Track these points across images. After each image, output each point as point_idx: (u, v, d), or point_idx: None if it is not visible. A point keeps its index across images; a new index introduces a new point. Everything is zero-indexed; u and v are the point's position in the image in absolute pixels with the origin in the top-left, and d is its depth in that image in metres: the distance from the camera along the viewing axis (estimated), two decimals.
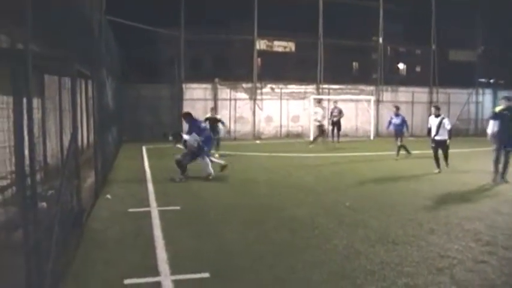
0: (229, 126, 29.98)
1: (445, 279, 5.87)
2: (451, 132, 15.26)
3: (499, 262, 6.48)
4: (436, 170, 15.33)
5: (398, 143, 19.53)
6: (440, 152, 15.41)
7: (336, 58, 37.49)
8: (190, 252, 7.06)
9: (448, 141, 15.23)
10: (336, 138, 25.90)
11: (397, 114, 20.28)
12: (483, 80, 38.51)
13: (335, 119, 26.24)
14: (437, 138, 15.24)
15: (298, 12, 32.24)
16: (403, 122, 20.05)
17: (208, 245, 7.45)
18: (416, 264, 6.39)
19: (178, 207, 10.04)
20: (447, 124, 15.19)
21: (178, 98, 29.60)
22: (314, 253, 6.95)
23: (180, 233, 8.11)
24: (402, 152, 19.48)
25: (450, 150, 15.46)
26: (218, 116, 21.51)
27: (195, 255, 6.95)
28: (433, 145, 15.45)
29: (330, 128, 26.27)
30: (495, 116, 13.49)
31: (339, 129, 26.23)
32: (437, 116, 15.33)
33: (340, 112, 26.62)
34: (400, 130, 19.84)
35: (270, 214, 9.58)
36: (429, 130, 15.67)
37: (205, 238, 7.83)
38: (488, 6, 34.61)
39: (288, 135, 31.59)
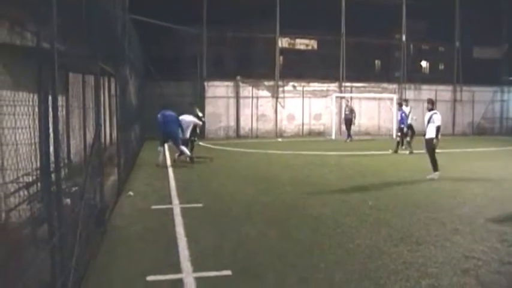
0: (251, 125, 30.07)
1: (470, 281, 5.79)
2: (438, 130, 13.61)
3: None
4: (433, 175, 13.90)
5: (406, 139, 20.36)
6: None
7: (358, 56, 37.30)
8: (212, 250, 7.06)
9: (434, 140, 13.65)
10: (348, 138, 25.91)
11: (399, 110, 20.62)
12: (508, 77, 37.96)
13: (347, 118, 26.27)
14: (425, 136, 14.04)
15: (320, 10, 32.15)
16: (402, 117, 20.29)
17: (230, 242, 7.46)
18: (441, 265, 6.31)
19: (200, 205, 10.07)
20: (436, 120, 13.69)
21: (201, 95, 29.67)
22: (337, 252, 6.91)
23: (202, 231, 8.13)
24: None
25: (475, 149, 15.13)
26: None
27: (217, 252, 6.95)
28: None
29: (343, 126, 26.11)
30: None
31: (349, 128, 26.16)
32: (430, 110, 14.13)
33: (352, 111, 26.54)
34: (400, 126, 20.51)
35: (293, 212, 9.56)
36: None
37: (227, 236, 7.84)
38: None
39: (310, 133, 31.51)
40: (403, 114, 20.71)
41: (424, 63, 54.02)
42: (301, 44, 34.15)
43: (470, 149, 23.06)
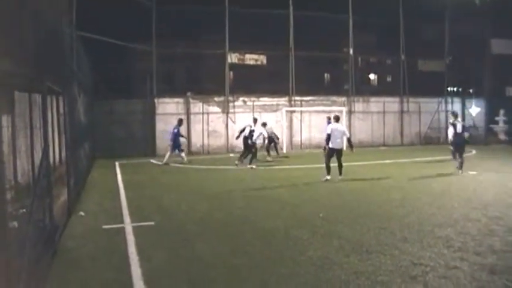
0: (203, 141, 30.06)
1: (418, 287, 5.95)
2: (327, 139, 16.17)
3: (470, 268, 6.59)
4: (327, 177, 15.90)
5: None
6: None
7: (308, 70, 37.79)
8: (165, 268, 7.03)
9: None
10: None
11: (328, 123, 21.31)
12: (451, 89, 39.16)
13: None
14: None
15: (269, 25, 32.37)
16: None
17: (183, 259, 7.44)
18: (390, 273, 6.46)
19: (152, 223, 9.99)
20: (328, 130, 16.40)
21: (151, 112, 29.46)
22: (288, 265, 6.98)
23: (154, 249, 8.07)
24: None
25: (420, 159, 15.69)
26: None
27: (170, 270, 6.92)
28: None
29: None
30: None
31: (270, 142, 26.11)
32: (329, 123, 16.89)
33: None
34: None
35: (245, 227, 9.60)
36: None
37: (180, 253, 7.81)
38: (454, 18, 35.29)
39: (262, 147, 31.59)
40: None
41: (372, 76, 55.15)
42: (251, 59, 34.23)
43: (418, 159, 23.63)
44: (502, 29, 35.54)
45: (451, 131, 17.85)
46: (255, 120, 22.42)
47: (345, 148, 16.75)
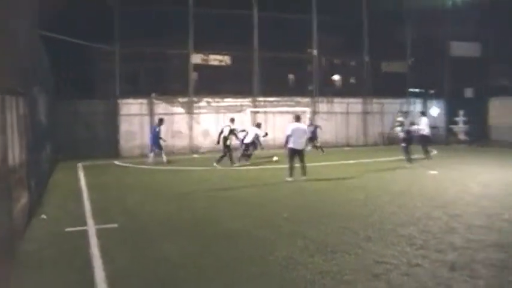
0: (167, 141, 29.87)
1: (381, 285, 6.03)
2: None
3: (432, 265, 6.71)
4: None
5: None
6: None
7: (272, 71, 37.85)
8: (129, 270, 6.97)
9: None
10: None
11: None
12: (414, 90, 39.81)
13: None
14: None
15: (233, 26, 32.37)
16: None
17: (147, 261, 7.38)
18: (354, 272, 6.52)
19: (115, 225, 9.88)
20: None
21: (114, 113, 29.15)
22: (255, 265, 6.99)
23: (118, 251, 8.00)
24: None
25: (383, 159, 15.92)
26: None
27: (134, 272, 6.87)
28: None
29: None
30: None
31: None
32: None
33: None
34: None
35: (211, 227, 9.59)
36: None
37: (144, 254, 7.75)
38: (416, 20, 35.90)
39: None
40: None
41: (336, 77, 55.54)
42: (215, 59, 34.13)
43: (381, 159, 23.91)
44: (460, 31, 36.36)
45: (400, 129, 21.24)
46: (232, 120, 22.83)
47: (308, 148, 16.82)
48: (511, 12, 30.59)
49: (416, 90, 40.65)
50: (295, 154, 15.93)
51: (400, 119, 22.33)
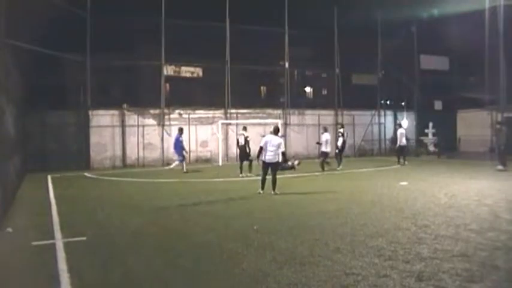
0: (138, 153, 29.70)
1: None
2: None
3: (399, 275, 6.76)
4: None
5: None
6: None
7: (244, 83, 38.02)
8: (96, 284, 6.88)
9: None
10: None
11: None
12: (384, 102, 40.36)
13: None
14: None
15: (205, 38, 32.46)
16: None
17: (115, 274, 7.29)
18: (323, 283, 6.53)
19: (84, 238, 9.73)
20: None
21: (85, 124, 28.88)
22: (223, 278, 6.96)
23: (86, 265, 7.89)
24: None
25: (354, 170, 16.02)
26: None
27: (102, 286, 6.79)
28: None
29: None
30: None
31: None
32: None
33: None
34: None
35: (179, 240, 9.52)
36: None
37: (112, 268, 7.66)
38: (387, 33, 36.48)
39: (197, 160, 31.55)
40: None
41: (308, 89, 55.94)
42: (187, 71, 34.19)
43: (352, 170, 24.15)
44: (429, 45, 37.08)
45: (340, 140, 25.67)
46: (245, 128, 23.38)
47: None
48: (477, 27, 31.25)
49: (387, 102, 41.23)
50: (268, 167, 15.85)
51: (341, 131, 26.42)
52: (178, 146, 24.56)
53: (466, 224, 10.20)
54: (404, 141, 26.85)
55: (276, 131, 16.29)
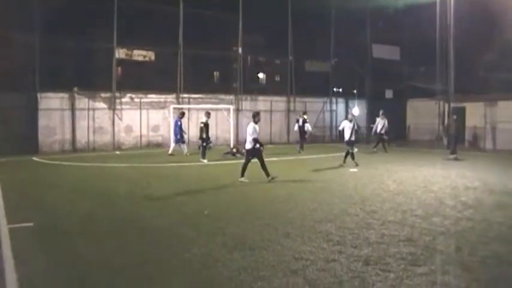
0: (88, 137, 29.18)
1: (298, 280, 6.13)
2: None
3: (347, 260, 6.90)
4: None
5: None
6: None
7: (197, 68, 37.76)
8: (44, 271, 6.76)
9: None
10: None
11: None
12: (336, 89, 40.78)
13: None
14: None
15: (158, 22, 32.04)
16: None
17: (63, 261, 7.18)
18: (272, 268, 6.60)
19: (31, 224, 9.50)
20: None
21: (33, 108, 28.14)
22: (173, 263, 6.95)
23: (33, 251, 7.74)
24: None
25: (306, 156, 16.10)
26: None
27: (49, 273, 6.67)
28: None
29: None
30: None
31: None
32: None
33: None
34: None
35: (130, 225, 9.46)
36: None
37: (60, 254, 7.54)
38: (340, 21, 36.77)
39: (149, 145, 31.24)
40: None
41: (261, 75, 55.95)
42: (139, 55, 33.62)
43: (303, 156, 24.38)
44: (382, 34, 37.63)
45: (296, 127, 27.91)
46: (207, 114, 22.59)
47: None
48: (428, 19, 31.89)
49: (339, 90, 41.66)
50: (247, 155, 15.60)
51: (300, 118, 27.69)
52: (177, 129, 24.94)
53: (412, 210, 10.48)
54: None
55: (253, 117, 15.74)
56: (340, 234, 8.39)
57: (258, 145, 15.31)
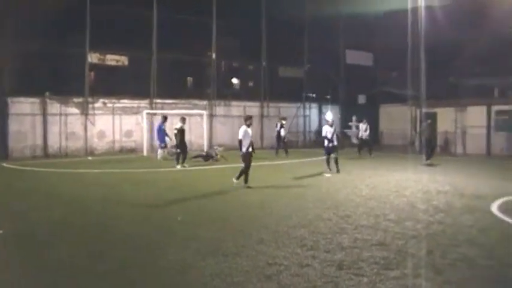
0: (60, 143, 28.83)
1: (272, 286, 6.16)
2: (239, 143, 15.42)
3: (320, 264, 6.96)
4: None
5: None
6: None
7: (170, 73, 37.55)
8: (15, 280, 6.65)
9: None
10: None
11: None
12: (310, 95, 40.97)
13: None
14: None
15: (131, 26, 31.80)
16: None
17: (34, 269, 7.08)
18: (246, 273, 6.62)
19: (0, 231, 9.36)
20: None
21: (3, 112, 27.67)
22: (147, 269, 6.91)
23: (1, 260, 7.61)
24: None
25: (279, 162, 16.08)
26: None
27: (17, 283, 6.57)
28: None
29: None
30: None
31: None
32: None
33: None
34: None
35: (104, 232, 9.39)
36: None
37: (30, 262, 7.43)
38: (314, 27, 36.99)
39: (122, 150, 30.98)
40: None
41: (235, 80, 55.97)
42: (112, 59, 33.35)
43: (277, 162, 24.41)
44: (355, 41, 37.99)
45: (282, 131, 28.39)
46: (182, 119, 22.33)
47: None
48: (398, 25, 32.28)
49: (313, 95, 41.87)
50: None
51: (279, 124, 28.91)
52: (161, 133, 25.03)
53: (385, 214, 10.60)
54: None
55: (245, 120, 15.78)
56: (313, 239, 8.44)
57: (250, 149, 15.35)
